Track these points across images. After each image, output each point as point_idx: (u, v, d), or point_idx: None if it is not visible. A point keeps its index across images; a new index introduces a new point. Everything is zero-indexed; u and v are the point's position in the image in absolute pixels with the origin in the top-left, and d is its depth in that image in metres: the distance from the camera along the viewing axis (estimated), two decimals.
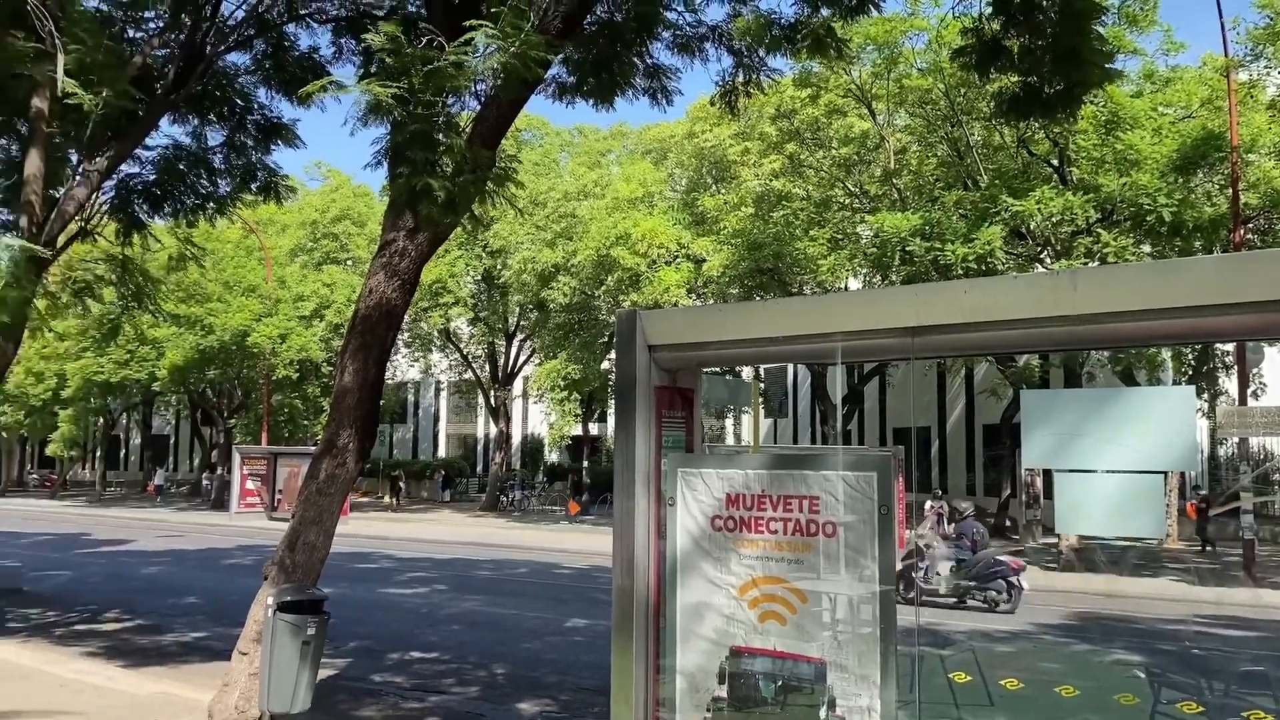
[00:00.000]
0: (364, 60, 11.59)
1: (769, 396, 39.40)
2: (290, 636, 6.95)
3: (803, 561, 3.84)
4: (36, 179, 10.81)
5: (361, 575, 18.26)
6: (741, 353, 4.56)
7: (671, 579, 4.12)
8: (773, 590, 3.87)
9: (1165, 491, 14.42)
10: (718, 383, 6.21)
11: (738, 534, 3.98)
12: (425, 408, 55.69)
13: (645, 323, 4.28)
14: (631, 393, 4.22)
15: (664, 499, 4.18)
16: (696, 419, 4.59)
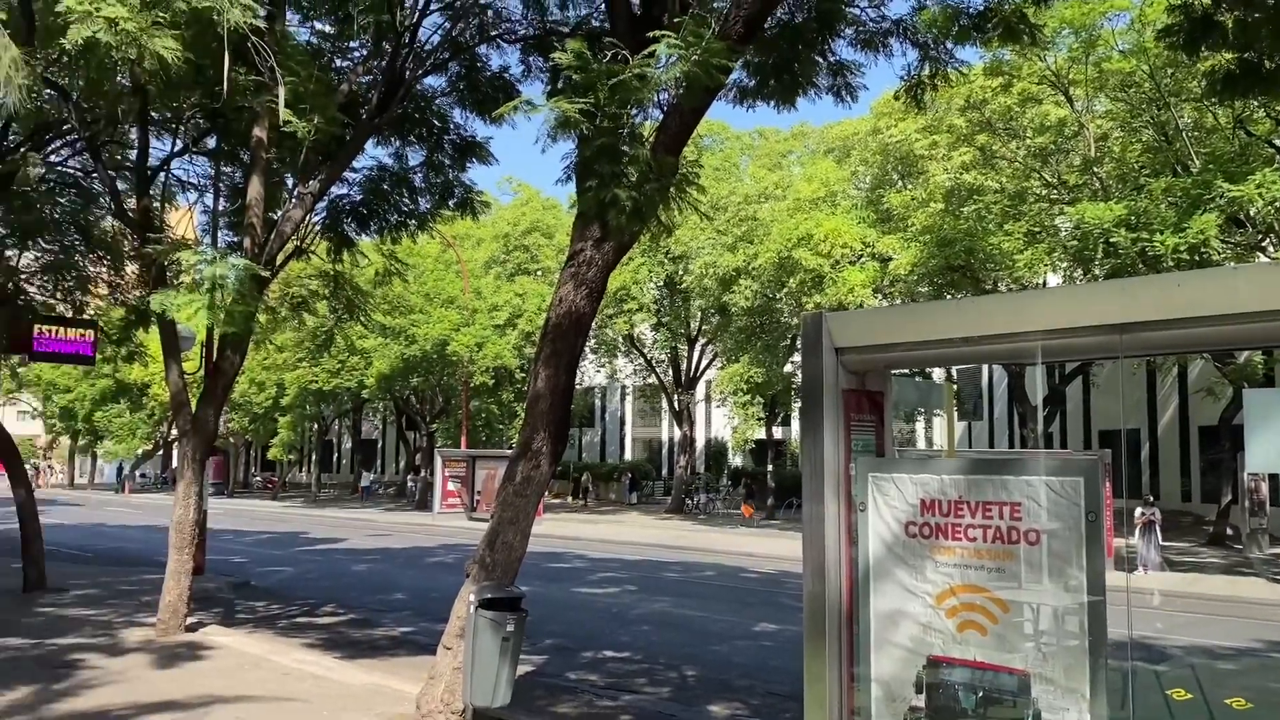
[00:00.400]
0: (551, 77, 11.96)
1: (962, 399, 38.01)
2: (491, 633, 7.25)
3: (1003, 570, 3.71)
4: (258, 203, 11.75)
5: (555, 574, 18.81)
6: (932, 354, 4.44)
7: (864, 585, 4.06)
8: (972, 599, 3.75)
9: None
10: (907, 385, 6.06)
11: (933, 541, 3.88)
12: (611, 412, 56.84)
13: (831, 325, 4.24)
14: (818, 396, 4.18)
15: (854, 504, 4.12)
16: (887, 422, 4.51)
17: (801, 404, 4.40)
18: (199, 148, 15.12)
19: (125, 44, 8.95)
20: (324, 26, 12.65)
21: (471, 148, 13.35)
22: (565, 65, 6.93)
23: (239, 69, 11.93)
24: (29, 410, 68.01)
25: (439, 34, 12.02)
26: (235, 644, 11.00)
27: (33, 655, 10.02)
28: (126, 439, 60.57)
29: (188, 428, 11.75)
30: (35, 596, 14.23)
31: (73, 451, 75.35)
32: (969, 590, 3.77)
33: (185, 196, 18.30)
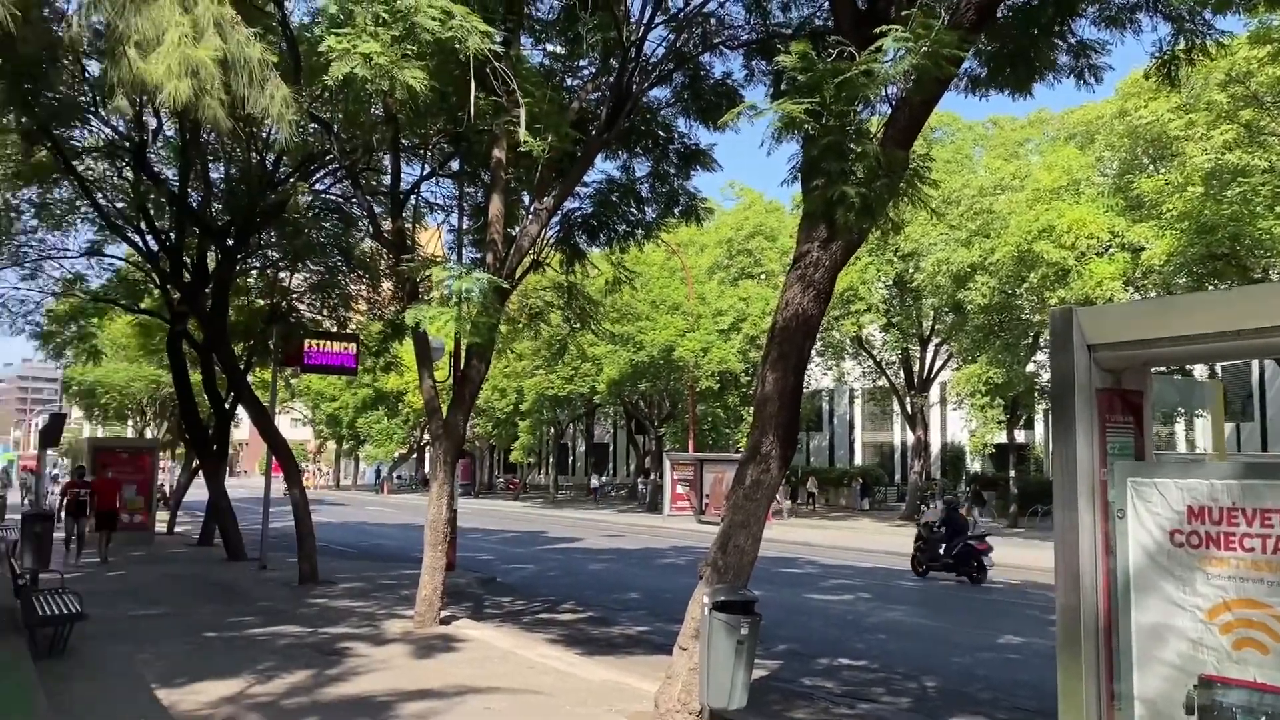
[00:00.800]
0: (774, 80, 11.94)
1: (1229, 398, 34.77)
2: (726, 635, 7.30)
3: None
4: (498, 220, 12.38)
5: (786, 580, 18.70)
6: (1196, 349, 4.10)
7: (1124, 598, 3.80)
8: (1249, 615, 3.44)
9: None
10: (1167, 384, 5.62)
11: (1203, 551, 3.59)
12: (840, 415, 55.88)
13: (1083, 320, 4.00)
14: (1070, 397, 3.96)
15: (1111, 511, 3.87)
16: (1146, 424, 4.20)
17: (1051, 405, 4.18)
18: (444, 171, 16.12)
19: (379, 76, 9.68)
20: (554, 47, 13.18)
21: (695, 155, 13.53)
22: (790, 67, 6.91)
23: (478, 94, 12.66)
24: (300, 417, 74.56)
25: (663, 46, 12.28)
26: (484, 637, 11.63)
27: (309, 643, 10.98)
28: (384, 443, 65.39)
29: (439, 432, 12.52)
30: (309, 588, 15.58)
31: (338, 455, 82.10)
32: (1246, 605, 3.45)
33: (433, 217, 19.61)
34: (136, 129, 17.49)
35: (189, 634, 11.38)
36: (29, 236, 21.76)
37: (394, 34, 9.86)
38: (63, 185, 20.65)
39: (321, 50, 9.82)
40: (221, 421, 22.19)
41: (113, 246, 23.49)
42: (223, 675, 9.13)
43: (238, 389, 19.16)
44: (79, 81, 16.40)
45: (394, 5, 9.75)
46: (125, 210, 20.26)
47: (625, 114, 11.74)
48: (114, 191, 20.67)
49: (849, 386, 51.60)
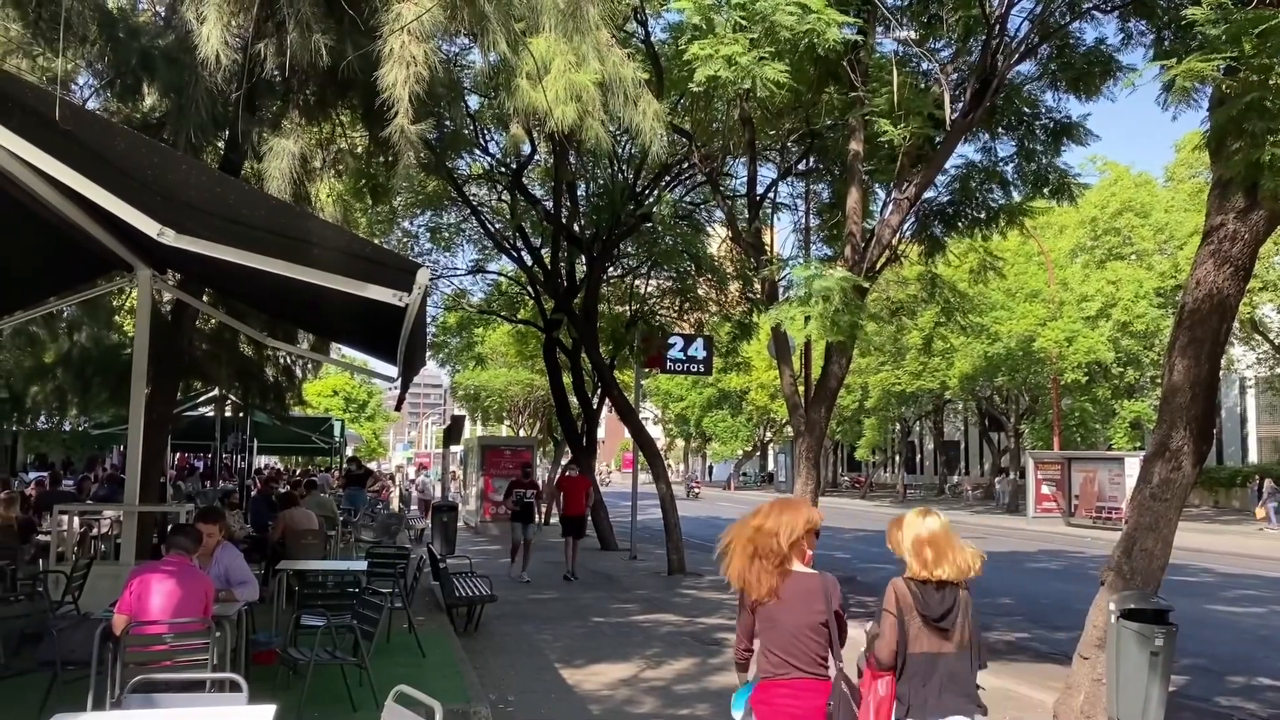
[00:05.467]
0: (1155, 40, 10.92)
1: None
2: (1137, 646, 6.74)
3: None
4: (856, 213, 12.27)
5: (1179, 588, 16.91)
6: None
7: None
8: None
9: None
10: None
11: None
12: (1229, 408, 49.81)
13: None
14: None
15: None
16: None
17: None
18: (795, 170, 16.25)
19: (741, 77, 9.95)
20: (907, 33, 12.85)
21: (1066, 129, 12.65)
22: (1200, 20, 6.24)
23: (832, 88, 12.64)
24: (649, 416, 78.27)
25: (1027, 19, 11.59)
26: (853, 636, 11.50)
27: (687, 632, 11.46)
28: (730, 441, 67.01)
29: (801, 428, 12.60)
30: (678, 579, 16.27)
31: (686, 452, 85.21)
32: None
33: (776, 216, 19.83)
34: (513, 156, 19.14)
35: (580, 618, 12.28)
36: (425, 258, 24.53)
37: (752, 36, 10.10)
38: (450, 211, 23.13)
39: (686, 59, 10.24)
40: (590, 420, 23.76)
41: (492, 264, 25.97)
42: (615, 659, 9.76)
43: (607, 388, 20.39)
44: (464, 116, 18.25)
45: (752, 9, 9.98)
46: (503, 230, 22.26)
47: (991, 93, 11.19)
48: (493, 213, 22.81)
49: (1238, 375, 45.91)
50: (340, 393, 70.46)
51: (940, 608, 4.21)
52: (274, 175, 8.57)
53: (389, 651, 8.97)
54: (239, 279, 8.73)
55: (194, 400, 20.85)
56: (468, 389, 46.54)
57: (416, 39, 7.23)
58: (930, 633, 4.20)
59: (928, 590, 4.24)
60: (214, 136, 10.08)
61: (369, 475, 26.86)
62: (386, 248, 15.81)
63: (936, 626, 4.20)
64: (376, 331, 7.66)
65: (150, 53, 9.14)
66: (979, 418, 52.46)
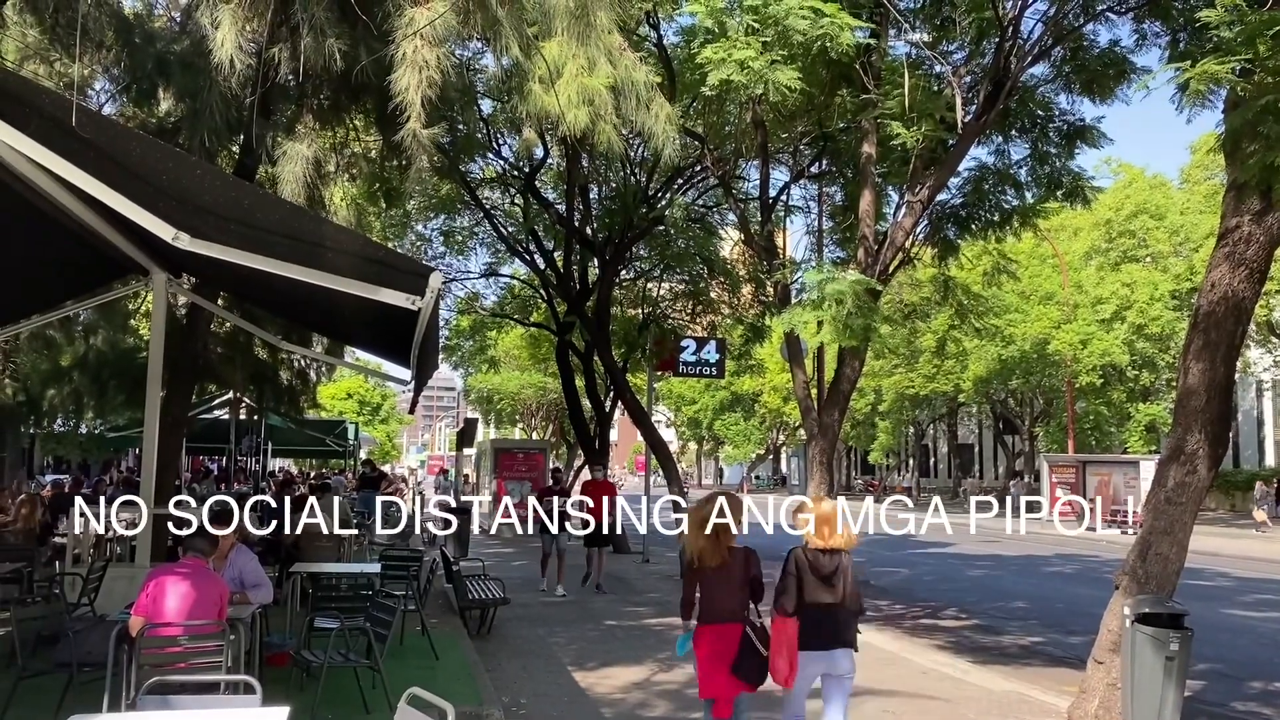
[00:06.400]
0: (1170, 42, 10.87)
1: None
2: (1152, 650, 6.69)
3: None
4: (869, 216, 12.26)
5: (1194, 592, 16.74)
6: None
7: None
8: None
9: None
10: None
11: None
12: (1245, 411, 49.37)
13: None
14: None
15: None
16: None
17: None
18: (807, 173, 16.24)
19: (754, 81, 9.95)
20: (920, 36, 12.83)
21: (1080, 132, 12.59)
22: (1215, 21, 6.21)
23: (844, 91, 12.63)
24: (661, 420, 78.26)
25: (1040, 22, 11.56)
26: (869, 639, 11.45)
27: None
28: (743, 444, 66.91)
29: (815, 431, 12.58)
30: None
31: (699, 456, 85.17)
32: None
33: (789, 219, 19.83)
34: (526, 159, 19.19)
35: (592, 621, 12.29)
36: (438, 261, 24.60)
37: (764, 40, 10.11)
38: (463, 214, 23.20)
39: (699, 63, 10.26)
40: (603, 423, 23.78)
41: (505, 267, 26.04)
42: (628, 662, 9.76)
43: (620, 391, 20.40)
44: (477, 120, 18.31)
45: (764, 13, 9.99)
46: (516, 233, 22.32)
47: (1004, 95, 11.17)
48: (505, 217, 22.87)
49: (1255, 378, 45.58)
50: (354, 395, 70.72)
51: (829, 568, 5.63)
52: (288, 179, 8.62)
53: (402, 654, 8.99)
54: (253, 283, 8.77)
55: (209, 403, 20.98)
56: (481, 392, 46.65)
57: (429, 44, 7.26)
58: (821, 588, 5.59)
59: (820, 556, 5.65)
60: (228, 141, 10.16)
61: (383, 478, 26.94)
62: (400, 251, 15.87)
63: (826, 583, 5.60)
64: (390, 335, 7.69)
65: (166, 58, 9.22)
66: (993, 421, 52.26)
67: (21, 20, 9.51)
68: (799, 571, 5.60)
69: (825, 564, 5.62)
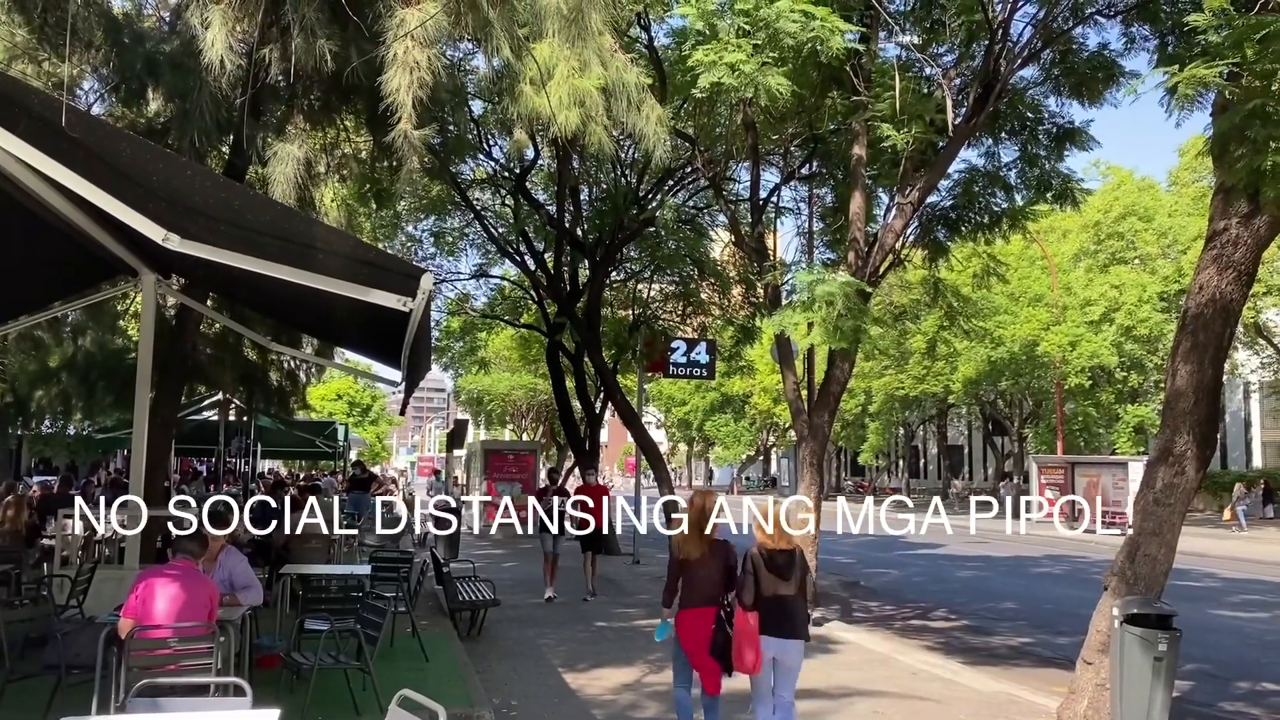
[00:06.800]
0: (1158, 45, 10.93)
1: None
2: (1140, 651, 6.72)
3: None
4: (859, 218, 12.28)
5: (1182, 593, 16.86)
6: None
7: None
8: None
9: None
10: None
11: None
12: (1233, 412, 49.68)
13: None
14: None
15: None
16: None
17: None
18: (798, 175, 16.26)
19: (744, 85, 9.96)
20: (910, 38, 12.87)
21: (1069, 135, 12.66)
22: (1203, 26, 6.24)
23: (835, 93, 12.65)
24: (652, 421, 78.24)
25: (1030, 24, 11.60)
26: (859, 640, 11.54)
27: None
28: (733, 445, 66.96)
29: (805, 433, 12.60)
30: None
31: (689, 457, 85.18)
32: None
33: (779, 221, 19.85)
34: (517, 160, 19.18)
35: (582, 622, 12.28)
36: (428, 262, 24.56)
37: (755, 43, 10.12)
38: (454, 215, 23.17)
39: (690, 65, 10.26)
40: (593, 424, 23.76)
41: (495, 268, 26.01)
42: (618, 663, 9.76)
43: (610, 392, 20.39)
44: (468, 121, 18.28)
45: (755, 15, 9.99)
46: (507, 234, 22.30)
47: (994, 98, 11.21)
48: (496, 218, 22.84)
49: (1242, 380, 45.83)
50: (344, 396, 70.53)
51: (782, 564, 6.17)
52: (278, 180, 8.60)
53: (392, 656, 8.97)
54: (243, 284, 8.75)
55: (198, 404, 20.89)
56: (471, 393, 46.58)
57: (420, 44, 7.25)
58: (777, 581, 6.11)
59: (774, 554, 6.19)
60: (218, 141, 10.13)
61: (373, 479, 26.87)
62: (390, 252, 15.84)
63: (781, 577, 6.12)
64: (381, 336, 7.68)
65: (155, 58, 9.18)
66: (982, 422, 52.42)
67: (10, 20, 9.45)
68: (755, 569, 6.15)
69: (780, 561, 6.17)
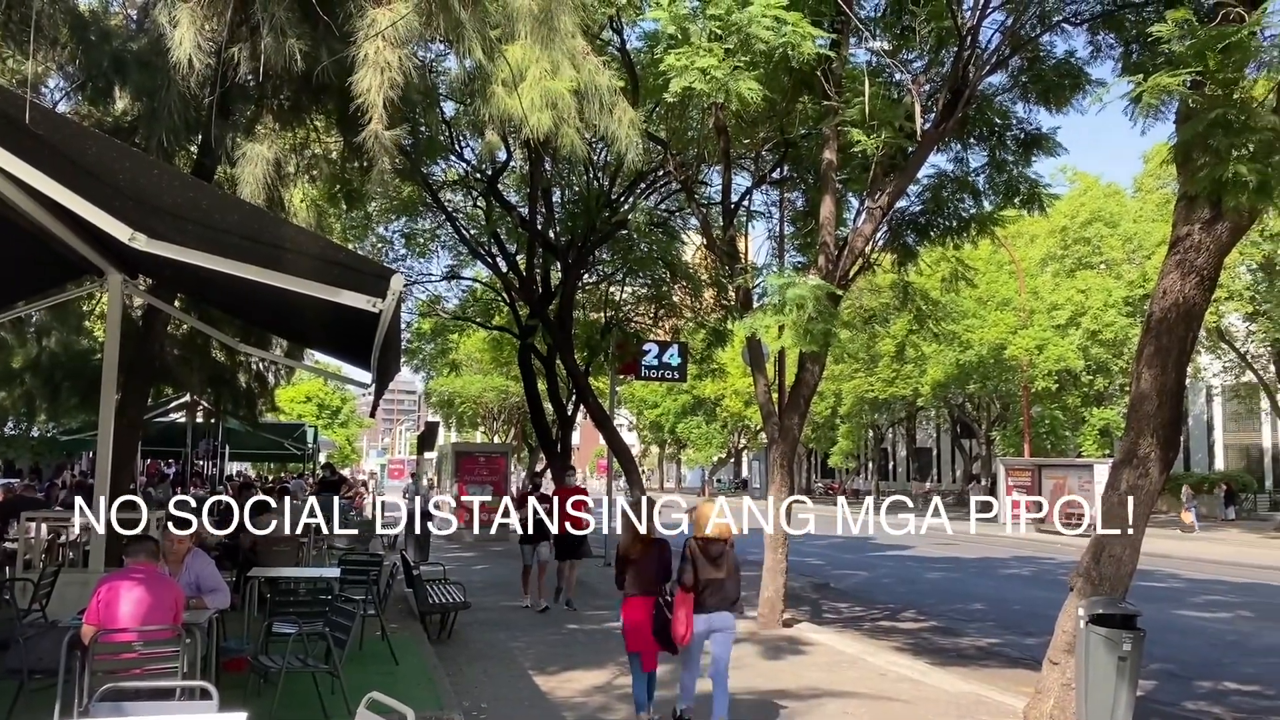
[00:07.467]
0: (1123, 54, 11.09)
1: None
2: (1105, 651, 6.81)
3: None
4: (830, 222, 12.35)
5: (1147, 594, 17.06)
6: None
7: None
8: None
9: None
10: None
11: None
12: (1196, 415, 50.41)
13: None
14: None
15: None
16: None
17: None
18: (769, 179, 16.32)
19: (715, 89, 10.00)
20: (880, 44, 12.97)
21: (1037, 140, 12.82)
22: (1166, 36, 6.34)
23: (806, 98, 12.72)
24: (624, 423, 78.19)
25: (1000, 31, 11.73)
26: (828, 641, 11.60)
27: None
28: (704, 447, 67.06)
29: (776, 435, 12.65)
30: None
31: (661, 459, 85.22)
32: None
33: (751, 224, 19.91)
34: (489, 162, 19.12)
35: (554, 625, 12.26)
36: (399, 264, 24.40)
37: (727, 47, 10.15)
38: (425, 217, 23.05)
39: (662, 69, 10.28)
40: (565, 426, 23.71)
41: (467, 270, 25.89)
42: (589, 666, 9.77)
43: (582, 395, 20.35)
44: (439, 122, 18.19)
45: (728, 20, 10.03)
46: (478, 236, 22.21)
47: (963, 104, 11.32)
48: (468, 219, 22.74)
49: (1205, 384, 46.51)
50: (313, 399, 69.97)
51: (715, 553, 7.26)
52: (247, 180, 8.53)
53: (362, 659, 8.92)
54: (212, 285, 8.68)
55: (165, 406, 20.66)
56: (442, 395, 46.36)
57: (391, 45, 7.22)
58: (710, 568, 7.20)
59: (708, 544, 7.28)
60: (187, 141, 10.03)
61: (343, 482, 26.68)
62: (360, 254, 15.74)
63: (714, 564, 7.21)
64: (351, 337, 7.63)
65: (122, 56, 9.08)
66: (951, 425, 52.86)
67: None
68: (693, 557, 7.20)
69: (714, 550, 7.28)
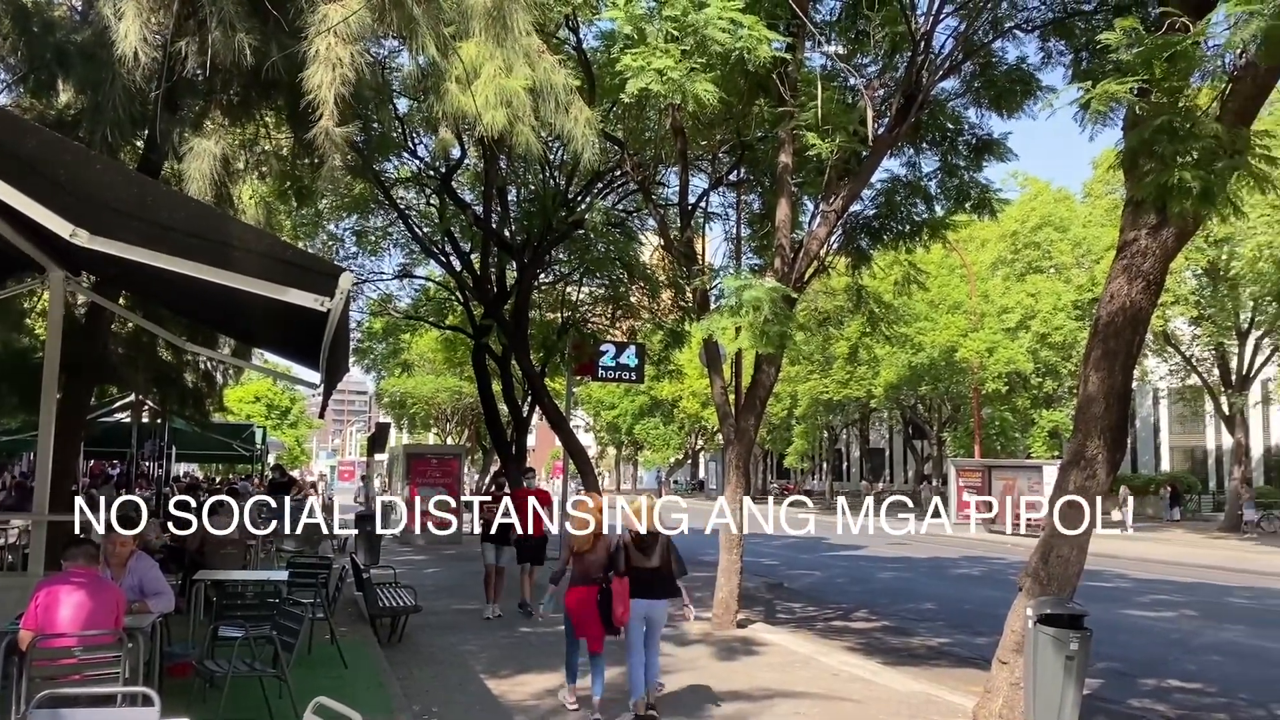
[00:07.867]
0: (1073, 61, 11.27)
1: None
2: (1053, 650, 6.90)
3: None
4: (785, 225, 12.40)
5: (1095, 594, 17.37)
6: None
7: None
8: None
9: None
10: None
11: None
12: (1143, 418, 51.49)
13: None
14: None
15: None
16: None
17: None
18: (726, 181, 16.37)
19: (672, 91, 9.99)
20: (835, 48, 13.06)
21: (988, 146, 12.98)
22: (1114, 44, 6.44)
23: (762, 101, 12.77)
24: (581, 425, 78.05)
25: (953, 37, 11.86)
26: (782, 642, 11.65)
27: (615, 641, 11.35)
28: (662, 449, 67.15)
29: (732, 436, 12.68)
30: None
31: (618, 460, 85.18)
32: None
33: (708, 225, 19.96)
34: (443, 159, 18.97)
35: (506, 628, 12.18)
36: (350, 262, 24.11)
37: (684, 49, 10.15)
38: (377, 214, 22.81)
39: (618, 69, 10.25)
40: (520, 428, 23.60)
41: (420, 268, 25.67)
42: (542, 669, 9.69)
43: (538, 396, 20.26)
44: (392, 118, 18.00)
45: (684, 21, 10.03)
46: (431, 234, 22.04)
47: (916, 109, 11.42)
48: (421, 217, 22.55)
49: (1152, 386, 47.51)
50: (262, 399, 69.02)
51: (647, 545, 7.98)
52: (194, 176, 8.36)
53: (310, 663, 8.79)
54: (157, 282, 8.48)
55: (109, 406, 20.23)
56: (394, 396, 45.93)
57: (343, 41, 7.13)
58: (642, 558, 7.92)
59: (641, 538, 7.98)
60: (132, 136, 9.80)
61: (292, 484, 26.32)
62: (310, 251, 15.53)
63: (646, 555, 7.94)
64: (299, 337, 7.50)
65: (66, 48, 8.86)
66: (903, 426, 53.44)
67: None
68: (626, 549, 7.93)
69: (646, 543, 7.98)
